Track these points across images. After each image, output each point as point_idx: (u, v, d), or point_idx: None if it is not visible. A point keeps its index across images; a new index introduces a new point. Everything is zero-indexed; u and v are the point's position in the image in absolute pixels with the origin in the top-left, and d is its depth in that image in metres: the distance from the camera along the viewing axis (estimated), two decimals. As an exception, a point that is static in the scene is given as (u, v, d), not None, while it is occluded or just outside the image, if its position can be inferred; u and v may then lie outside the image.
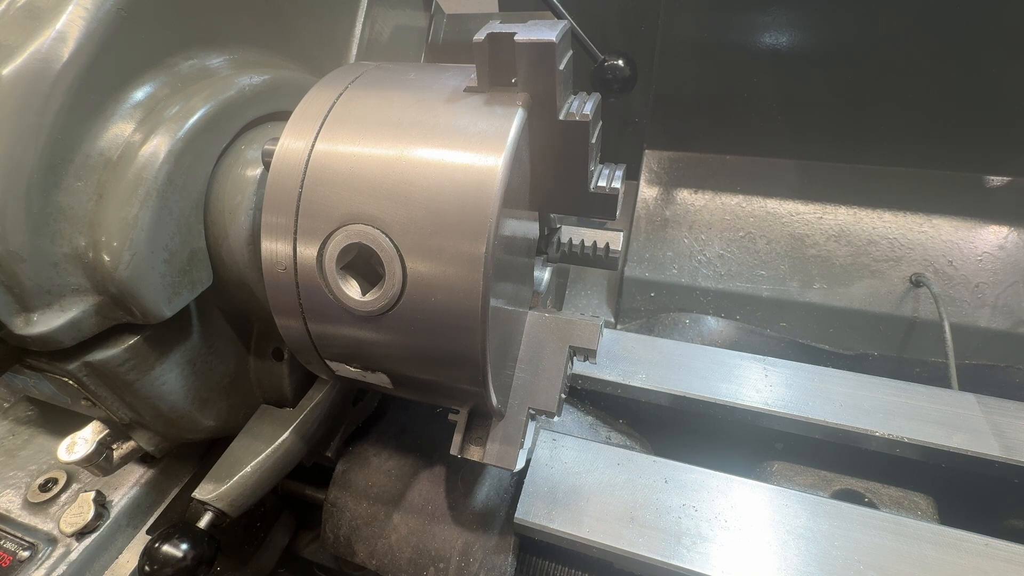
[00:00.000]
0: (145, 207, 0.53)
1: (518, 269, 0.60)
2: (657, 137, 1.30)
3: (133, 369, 0.59)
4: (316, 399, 0.72)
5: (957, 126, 1.10)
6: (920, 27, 1.03)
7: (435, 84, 0.52)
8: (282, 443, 0.69)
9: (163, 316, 0.56)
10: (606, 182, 0.57)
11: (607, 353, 0.83)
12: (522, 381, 0.62)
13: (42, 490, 0.74)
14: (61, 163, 0.50)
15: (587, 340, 0.63)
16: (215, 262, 0.62)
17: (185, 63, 0.60)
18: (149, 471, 0.77)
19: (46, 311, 0.52)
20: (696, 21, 1.16)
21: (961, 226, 1.11)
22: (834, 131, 1.18)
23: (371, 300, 0.48)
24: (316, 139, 0.50)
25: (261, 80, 0.63)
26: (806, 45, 1.11)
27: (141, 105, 0.56)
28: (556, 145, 0.54)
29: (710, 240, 1.24)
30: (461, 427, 0.60)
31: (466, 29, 1.08)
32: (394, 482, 0.77)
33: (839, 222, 1.18)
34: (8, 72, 0.47)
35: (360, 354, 0.55)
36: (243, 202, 0.60)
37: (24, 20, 0.49)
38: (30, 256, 0.49)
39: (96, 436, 0.68)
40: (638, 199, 1.29)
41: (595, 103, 0.53)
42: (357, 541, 0.75)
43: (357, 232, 0.47)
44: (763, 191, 1.23)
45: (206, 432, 0.70)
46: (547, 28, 0.47)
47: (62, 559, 0.68)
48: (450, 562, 0.70)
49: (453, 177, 0.46)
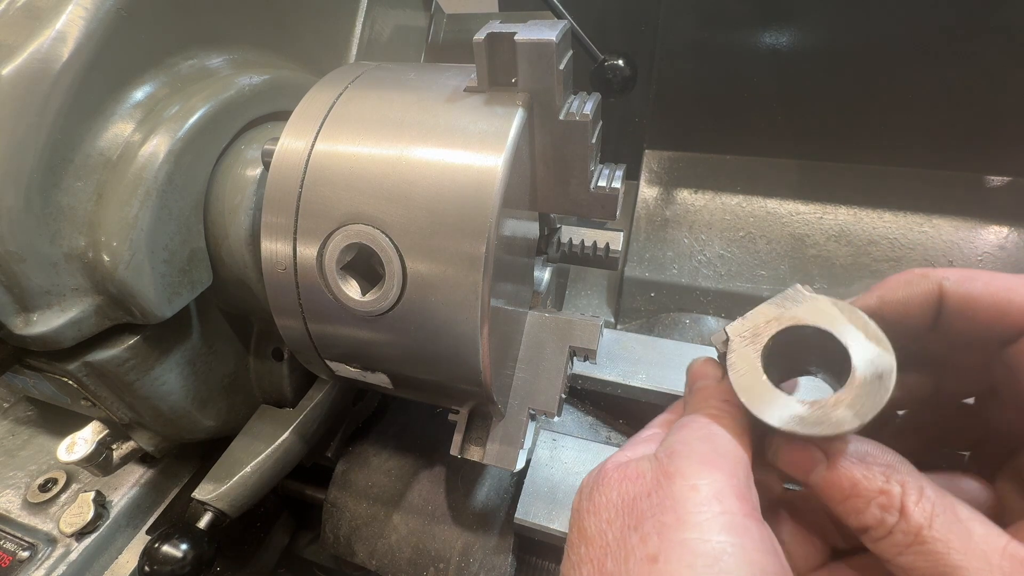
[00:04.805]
0: (145, 207, 0.53)
1: (518, 269, 0.59)
2: (657, 137, 1.30)
3: (133, 369, 0.59)
4: (316, 399, 0.72)
5: (957, 126, 1.09)
6: (920, 27, 1.03)
7: (435, 84, 0.52)
8: (282, 443, 0.69)
9: (163, 316, 0.56)
10: (606, 182, 0.57)
11: (607, 353, 0.83)
12: (522, 381, 0.62)
13: (42, 490, 0.74)
14: (61, 163, 0.50)
15: (587, 340, 0.63)
16: (215, 262, 0.62)
17: (185, 63, 0.60)
18: (149, 471, 0.77)
19: (46, 311, 0.52)
20: (696, 21, 1.16)
21: (961, 226, 1.11)
22: (834, 131, 1.18)
23: (371, 300, 0.48)
24: (316, 139, 0.50)
25: (261, 80, 0.63)
26: (806, 45, 1.11)
27: (141, 105, 0.56)
28: (556, 145, 0.54)
29: (710, 240, 1.24)
30: (461, 427, 0.60)
31: (466, 29, 1.07)
32: (394, 482, 0.77)
33: (839, 222, 1.18)
34: (8, 72, 0.47)
35: (360, 354, 0.55)
36: (243, 202, 0.60)
37: (24, 20, 0.49)
38: (30, 256, 0.49)
39: (96, 436, 0.68)
40: (638, 199, 1.29)
41: (595, 103, 0.53)
42: (357, 541, 0.75)
43: (357, 232, 0.47)
44: (763, 191, 1.23)
45: (206, 432, 0.70)
46: (547, 28, 0.47)
47: (62, 559, 0.68)
48: (450, 562, 0.70)
49: (453, 177, 0.46)
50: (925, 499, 0.31)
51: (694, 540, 0.31)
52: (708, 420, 0.38)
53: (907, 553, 0.30)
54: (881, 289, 0.38)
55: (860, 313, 0.36)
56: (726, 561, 0.30)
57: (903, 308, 0.37)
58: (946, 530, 0.30)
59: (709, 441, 0.36)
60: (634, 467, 0.37)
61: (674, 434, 0.38)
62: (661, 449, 0.37)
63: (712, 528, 0.31)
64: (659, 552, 0.31)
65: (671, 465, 0.35)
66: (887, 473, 0.33)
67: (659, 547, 0.31)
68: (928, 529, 0.30)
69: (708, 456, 0.35)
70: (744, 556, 0.30)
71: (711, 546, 0.30)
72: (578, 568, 0.35)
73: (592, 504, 0.37)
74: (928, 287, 0.36)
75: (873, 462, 0.33)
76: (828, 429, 0.33)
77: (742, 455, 0.36)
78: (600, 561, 0.34)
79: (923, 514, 0.31)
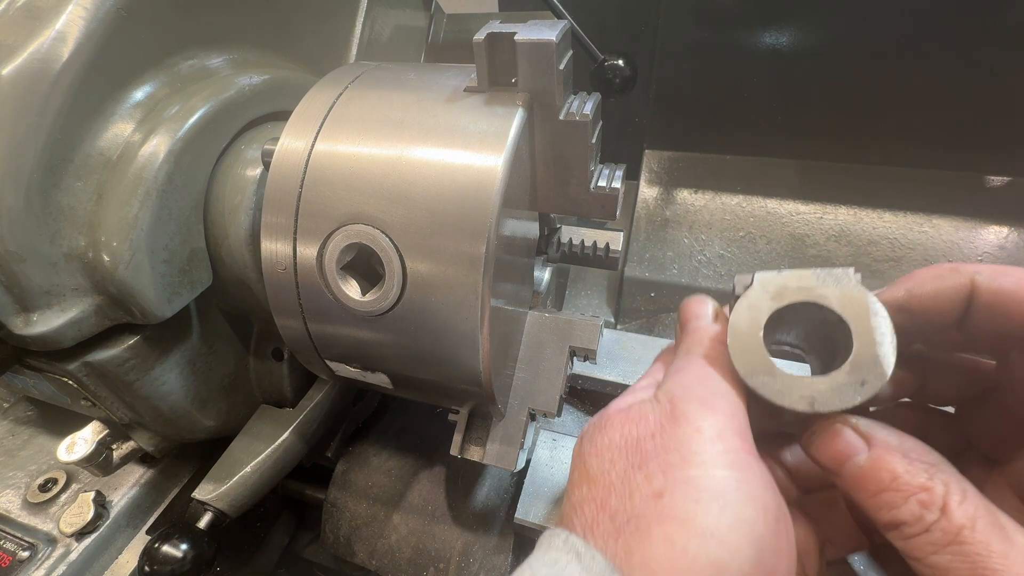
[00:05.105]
0: (145, 207, 0.53)
1: (518, 269, 0.59)
2: (657, 137, 1.30)
3: (133, 369, 0.59)
4: (316, 399, 0.72)
5: (957, 126, 1.09)
6: (921, 27, 1.03)
7: (435, 84, 0.52)
8: (282, 443, 0.69)
9: (163, 316, 0.56)
10: (606, 182, 0.57)
11: (607, 353, 0.83)
12: (522, 381, 0.62)
13: (42, 490, 0.74)
14: (61, 163, 0.50)
15: (587, 340, 0.63)
16: (215, 262, 0.62)
17: (185, 63, 0.60)
18: (149, 471, 0.77)
19: (46, 311, 0.52)
20: (696, 21, 1.16)
21: (961, 226, 1.11)
22: (834, 131, 1.17)
23: (371, 300, 0.48)
24: (316, 139, 0.50)
25: (261, 80, 0.63)
26: (806, 45, 1.11)
27: (141, 105, 0.56)
28: (556, 145, 0.54)
29: (710, 240, 1.23)
30: (461, 427, 0.60)
31: (466, 29, 1.07)
32: (394, 482, 0.77)
33: (839, 222, 1.17)
34: (8, 72, 0.47)
35: (360, 354, 0.55)
36: (243, 202, 0.60)
37: (24, 20, 0.49)
38: (30, 256, 0.49)
39: (96, 436, 0.68)
40: (638, 199, 1.28)
41: (595, 103, 0.53)
42: (357, 541, 0.75)
43: (357, 232, 0.47)
44: (763, 191, 1.23)
45: (206, 432, 0.70)
46: (547, 28, 0.47)
47: (62, 559, 0.68)
48: (450, 562, 0.70)
49: (453, 177, 0.46)
50: (968, 501, 0.31)
51: (699, 476, 0.32)
52: (704, 362, 0.39)
53: (943, 552, 0.30)
54: (909, 282, 0.37)
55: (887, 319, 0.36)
56: (730, 494, 0.32)
57: (932, 303, 0.36)
58: (988, 534, 0.30)
59: (707, 383, 0.37)
60: (636, 410, 0.38)
61: (673, 378, 0.39)
62: (661, 392, 0.38)
63: (716, 465, 0.33)
64: (664, 488, 0.32)
65: (674, 408, 0.36)
66: (930, 471, 0.33)
67: (664, 484, 0.32)
68: (970, 531, 0.30)
69: (708, 398, 0.36)
70: (746, 489, 0.32)
71: (715, 481, 0.32)
72: (580, 508, 0.35)
73: (594, 446, 0.37)
74: (959, 281, 0.35)
75: (916, 458, 0.34)
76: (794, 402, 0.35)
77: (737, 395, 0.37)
78: (603, 499, 0.34)
79: (966, 515, 0.31)
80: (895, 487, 0.33)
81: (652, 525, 0.31)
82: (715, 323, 0.43)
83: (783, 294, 0.38)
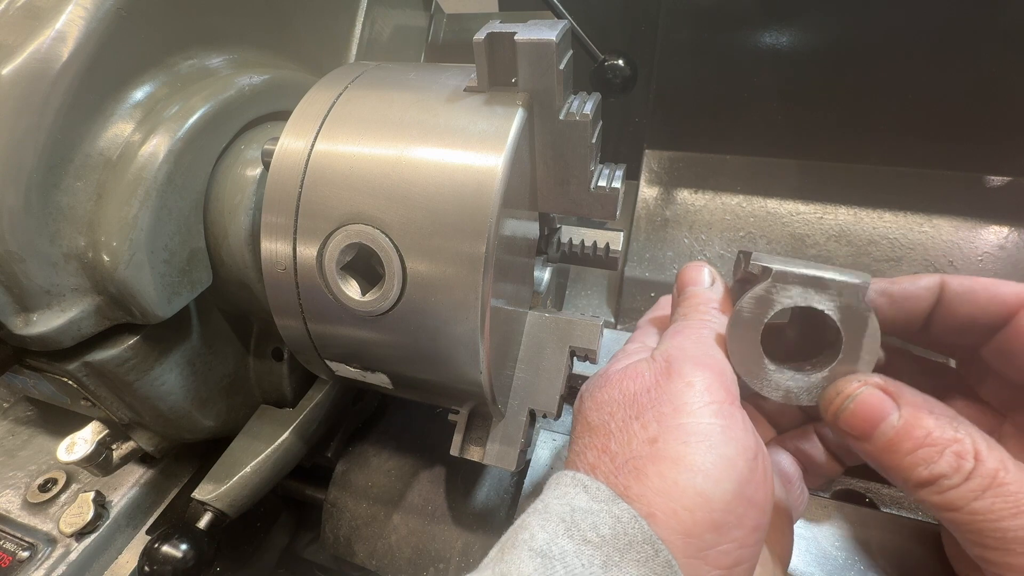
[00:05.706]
0: (145, 207, 0.53)
1: (518, 269, 0.59)
2: (657, 137, 1.30)
3: (133, 369, 0.59)
4: (316, 399, 0.72)
5: (957, 126, 1.09)
6: (920, 27, 1.03)
7: (435, 84, 0.52)
8: (282, 443, 0.69)
9: (163, 316, 0.56)
10: (606, 182, 0.57)
11: (607, 353, 0.83)
12: (522, 381, 0.62)
13: (41, 490, 0.74)
14: (61, 163, 0.50)
15: (587, 340, 0.63)
16: (215, 262, 0.62)
17: (185, 63, 0.60)
18: (149, 471, 0.77)
19: (46, 311, 0.52)
20: (696, 21, 1.16)
21: (961, 226, 1.11)
22: (834, 131, 1.17)
23: (371, 300, 0.48)
24: (316, 139, 0.50)
25: (261, 80, 0.63)
26: (806, 45, 1.11)
27: (141, 105, 0.56)
28: (556, 145, 0.54)
29: (710, 240, 1.23)
30: (461, 427, 0.60)
31: (466, 29, 1.07)
32: (394, 482, 0.77)
33: (839, 222, 1.17)
34: (8, 72, 0.47)
35: (360, 354, 0.55)
36: (243, 202, 0.60)
37: (24, 20, 0.49)
38: (30, 256, 0.49)
39: (96, 436, 0.68)
40: (638, 199, 1.28)
41: (595, 103, 0.53)
42: (357, 541, 0.75)
43: (357, 232, 0.47)
44: (763, 191, 1.23)
45: (206, 432, 0.70)
46: (547, 28, 0.47)
47: (62, 559, 0.68)
48: (450, 562, 0.70)
49: (453, 177, 0.46)
50: (992, 446, 0.34)
51: (689, 423, 0.37)
52: (698, 326, 0.44)
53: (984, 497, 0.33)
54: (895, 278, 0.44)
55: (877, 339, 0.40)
56: (715, 437, 0.36)
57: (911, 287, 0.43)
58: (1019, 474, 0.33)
59: (700, 344, 0.42)
60: (633, 368, 0.42)
61: (669, 340, 0.44)
62: (658, 352, 0.43)
63: (704, 413, 0.37)
64: (658, 434, 0.37)
65: (669, 366, 0.40)
66: (954, 423, 0.36)
67: (658, 431, 0.37)
68: (1005, 472, 0.33)
69: (700, 358, 0.40)
70: (729, 433, 0.36)
71: (703, 427, 0.36)
72: (583, 454, 0.40)
73: (595, 401, 0.42)
74: (934, 279, 0.42)
75: (941, 413, 0.37)
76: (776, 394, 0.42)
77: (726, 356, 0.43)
78: (604, 445, 0.39)
79: (997, 460, 0.34)
80: (930, 442, 0.35)
81: (648, 464, 0.36)
82: (711, 288, 0.48)
83: (792, 296, 0.41)
